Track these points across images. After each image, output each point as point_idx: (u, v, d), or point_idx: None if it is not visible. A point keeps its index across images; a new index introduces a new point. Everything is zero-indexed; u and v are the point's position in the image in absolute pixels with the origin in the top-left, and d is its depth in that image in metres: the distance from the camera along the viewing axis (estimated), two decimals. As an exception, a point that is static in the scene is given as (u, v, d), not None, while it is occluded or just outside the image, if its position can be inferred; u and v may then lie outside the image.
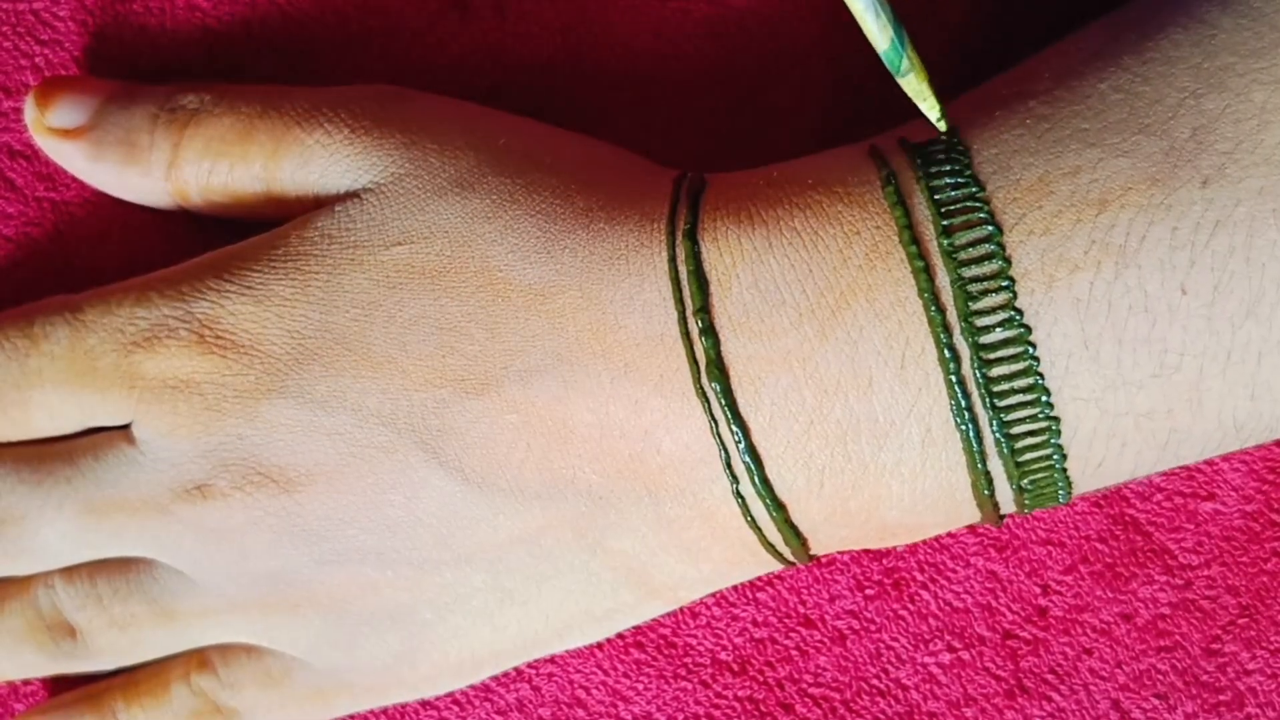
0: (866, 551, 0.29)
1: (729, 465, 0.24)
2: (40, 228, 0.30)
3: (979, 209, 0.23)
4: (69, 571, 0.28)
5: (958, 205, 0.23)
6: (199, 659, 0.28)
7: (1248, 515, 0.29)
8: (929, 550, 0.29)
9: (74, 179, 0.30)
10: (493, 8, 0.29)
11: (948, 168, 0.23)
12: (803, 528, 0.25)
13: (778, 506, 0.24)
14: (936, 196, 0.23)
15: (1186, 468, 0.29)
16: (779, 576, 0.30)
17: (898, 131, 0.26)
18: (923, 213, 0.23)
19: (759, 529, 0.25)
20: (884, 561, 0.29)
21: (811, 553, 0.26)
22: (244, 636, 0.28)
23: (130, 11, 0.30)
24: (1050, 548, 0.29)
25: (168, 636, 0.28)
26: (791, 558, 0.26)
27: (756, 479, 0.24)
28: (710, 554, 0.26)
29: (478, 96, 0.29)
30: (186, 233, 0.29)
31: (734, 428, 0.24)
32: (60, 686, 0.30)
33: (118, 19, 0.30)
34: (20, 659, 0.28)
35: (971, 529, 0.29)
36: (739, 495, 0.24)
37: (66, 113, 0.28)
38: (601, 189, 0.26)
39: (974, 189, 0.23)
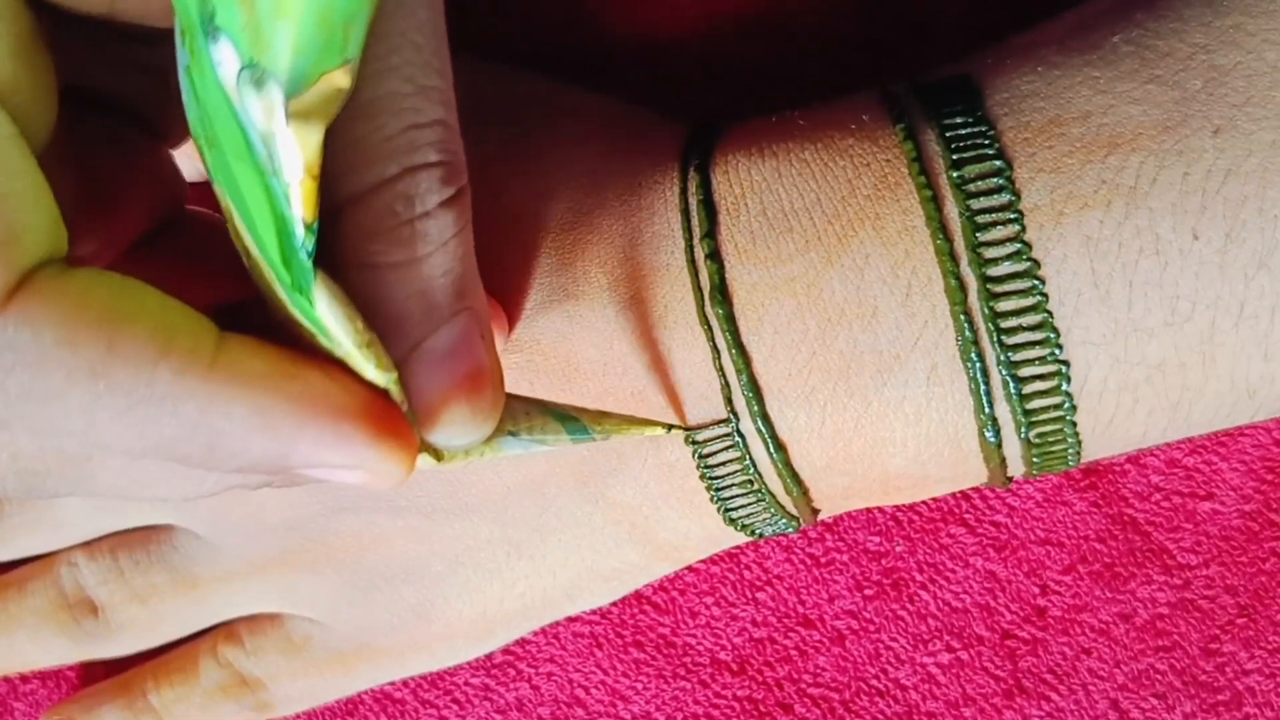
0: (866, 551, 0.29)
1: (729, 400, 0.24)
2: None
3: (988, 145, 0.23)
4: (90, 547, 0.28)
5: (968, 142, 0.23)
6: (227, 631, 0.29)
7: (1246, 515, 0.29)
8: (928, 550, 0.29)
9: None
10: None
11: (959, 107, 0.23)
12: (803, 474, 0.24)
13: (778, 446, 0.24)
14: (947, 134, 0.23)
15: (1185, 468, 0.29)
16: (778, 576, 0.30)
17: (913, 79, 0.26)
18: (933, 148, 0.23)
19: (759, 474, 0.24)
20: (883, 562, 0.29)
21: (814, 505, 0.25)
22: (265, 602, 0.28)
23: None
24: (1049, 548, 0.29)
25: (189, 606, 0.28)
26: (792, 509, 0.25)
27: (756, 414, 0.24)
28: (712, 507, 0.25)
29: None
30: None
31: (734, 355, 0.23)
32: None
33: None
34: (44, 642, 0.29)
35: (970, 528, 0.29)
36: (738, 433, 0.24)
37: None
38: (620, 135, 0.26)
39: (984, 127, 0.23)
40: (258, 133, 0.16)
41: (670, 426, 0.23)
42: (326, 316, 0.17)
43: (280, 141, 0.16)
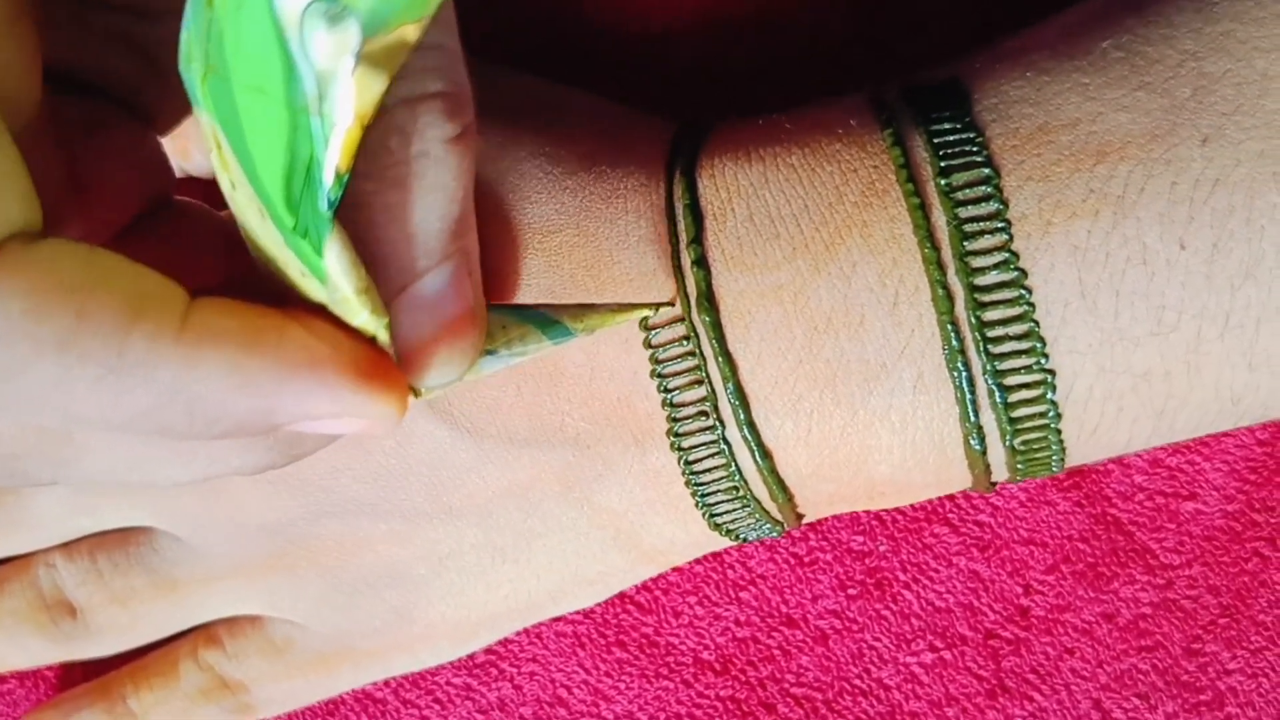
0: (849, 551, 0.29)
1: (715, 407, 0.24)
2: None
3: (977, 153, 0.23)
4: (68, 548, 0.28)
5: (956, 149, 0.23)
6: (207, 634, 0.28)
7: (1229, 515, 0.29)
8: (911, 550, 0.29)
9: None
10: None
11: (947, 113, 0.23)
12: (789, 480, 0.24)
13: (764, 454, 0.24)
14: (935, 140, 0.23)
15: (1168, 467, 0.29)
16: (761, 576, 0.30)
17: (901, 82, 0.26)
18: (921, 154, 0.23)
19: (744, 480, 0.24)
20: (866, 561, 0.29)
21: (799, 511, 0.25)
22: (246, 605, 0.28)
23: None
24: (1032, 547, 0.29)
25: (169, 609, 0.28)
26: (778, 515, 0.25)
27: (742, 422, 0.24)
28: (697, 513, 0.25)
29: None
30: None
31: (721, 363, 0.23)
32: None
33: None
34: (21, 643, 0.29)
35: (954, 528, 0.29)
36: (724, 441, 0.24)
37: None
38: (606, 135, 0.26)
39: (973, 134, 0.23)
40: (312, 70, 0.15)
41: (656, 306, 0.23)
42: (333, 265, 0.17)
43: (340, 84, 0.15)
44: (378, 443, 0.25)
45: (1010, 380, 0.23)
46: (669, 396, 0.24)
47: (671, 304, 0.24)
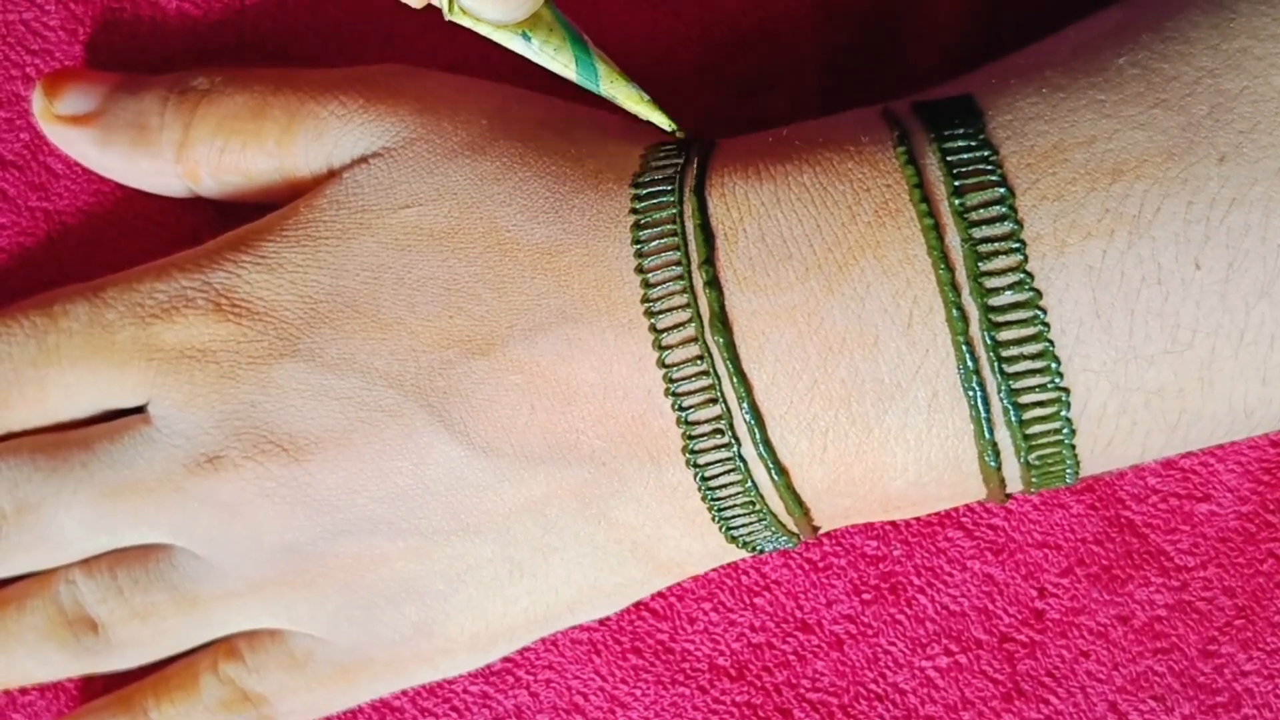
0: (863, 556, 0.29)
1: (731, 426, 0.24)
2: (33, 237, 0.30)
3: (991, 171, 0.23)
4: (88, 564, 0.28)
5: (970, 167, 0.23)
6: (227, 648, 0.28)
7: (1243, 516, 0.29)
8: (925, 554, 0.29)
9: (66, 188, 0.30)
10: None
11: (961, 130, 0.23)
12: (805, 496, 0.25)
13: (780, 471, 0.24)
14: (949, 158, 0.23)
15: (1182, 469, 0.29)
16: (776, 581, 0.30)
17: (914, 96, 0.25)
18: (934, 173, 0.23)
19: (760, 496, 0.24)
20: (880, 566, 0.29)
21: (815, 524, 0.25)
22: (265, 619, 0.28)
23: (121, 20, 0.30)
24: (1046, 550, 0.29)
25: (190, 625, 0.28)
26: (794, 527, 0.26)
27: (759, 440, 0.24)
28: (713, 526, 0.25)
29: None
30: (181, 240, 0.29)
31: (735, 383, 0.23)
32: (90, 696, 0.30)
33: (108, 27, 0.30)
34: (43, 657, 0.29)
35: (968, 532, 0.29)
36: (740, 458, 0.24)
37: (75, 100, 0.28)
38: (613, 152, 0.26)
39: (987, 152, 0.23)
40: None
41: (675, 127, 0.24)
42: None
43: None
44: (394, 463, 0.25)
45: (1025, 399, 0.23)
46: (684, 415, 0.24)
47: (678, 132, 0.25)
